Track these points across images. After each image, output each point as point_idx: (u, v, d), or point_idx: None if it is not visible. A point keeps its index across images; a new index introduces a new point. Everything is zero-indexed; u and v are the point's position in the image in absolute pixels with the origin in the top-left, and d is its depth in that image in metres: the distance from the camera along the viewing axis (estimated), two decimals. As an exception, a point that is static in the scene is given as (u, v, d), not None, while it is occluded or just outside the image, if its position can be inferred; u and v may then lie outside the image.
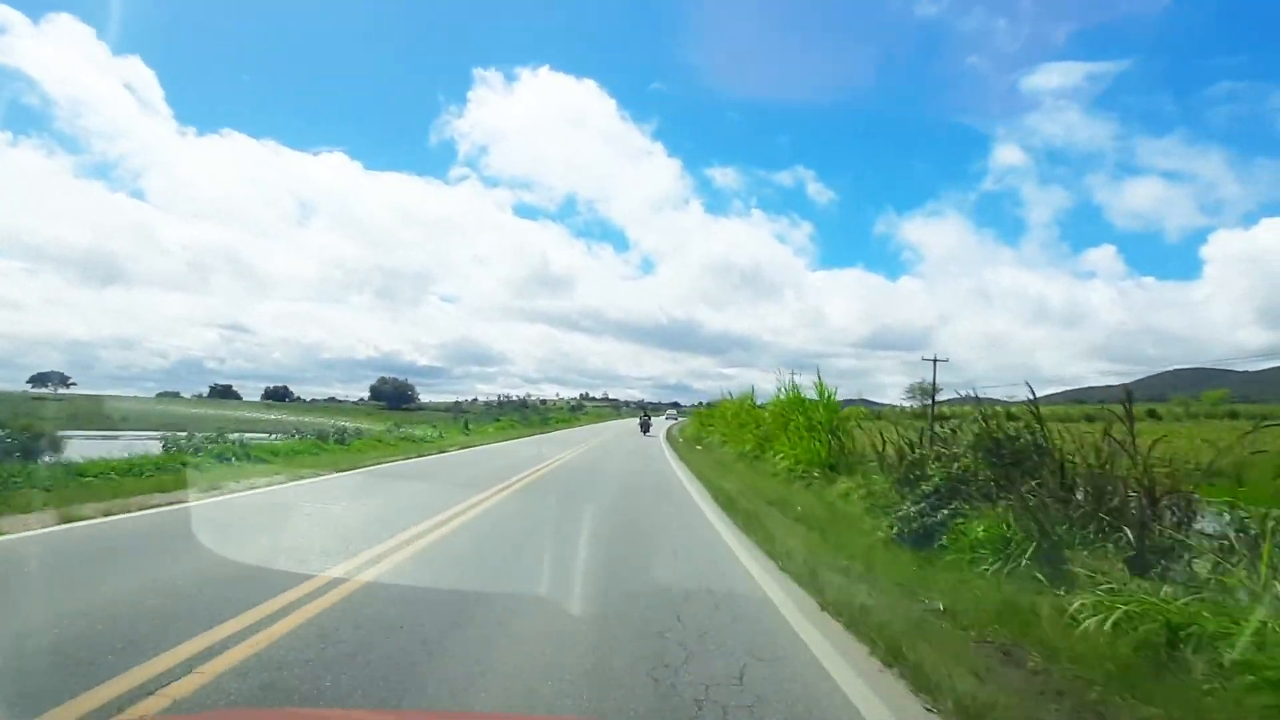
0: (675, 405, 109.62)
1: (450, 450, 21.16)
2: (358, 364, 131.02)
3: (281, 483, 10.74)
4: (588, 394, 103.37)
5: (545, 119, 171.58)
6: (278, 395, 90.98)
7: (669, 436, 34.76)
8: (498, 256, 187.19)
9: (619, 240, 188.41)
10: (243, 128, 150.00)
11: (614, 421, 72.49)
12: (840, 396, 17.13)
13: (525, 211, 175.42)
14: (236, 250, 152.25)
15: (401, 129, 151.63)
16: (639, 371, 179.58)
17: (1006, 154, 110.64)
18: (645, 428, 39.41)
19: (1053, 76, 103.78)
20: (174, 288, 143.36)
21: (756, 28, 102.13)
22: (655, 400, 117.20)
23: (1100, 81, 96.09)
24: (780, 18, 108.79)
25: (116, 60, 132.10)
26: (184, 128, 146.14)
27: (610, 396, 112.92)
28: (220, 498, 9.02)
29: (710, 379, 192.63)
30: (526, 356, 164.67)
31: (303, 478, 11.48)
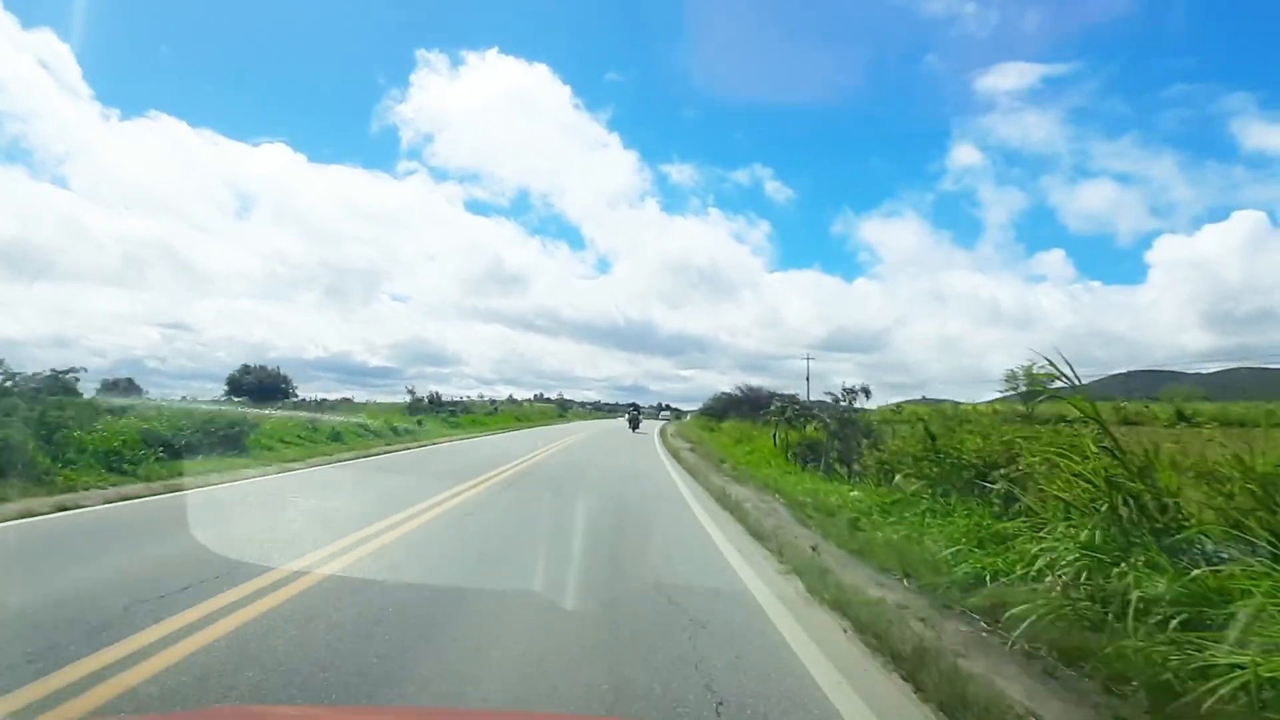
0: (668, 408, 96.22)
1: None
2: (307, 364, 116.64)
3: None
4: (542, 394, 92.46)
5: (494, 106, 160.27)
6: (122, 387, 71.45)
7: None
8: (450, 254, 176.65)
9: (574, 238, 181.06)
10: (173, 111, 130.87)
11: (551, 429, 41.80)
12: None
13: (477, 207, 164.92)
14: (175, 245, 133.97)
15: (345, 119, 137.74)
16: (595, 373, 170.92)
17: (963, 154, 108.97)
18: (635, 423, 37.73)
19: (1008, 77, 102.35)
20: (109, 283, 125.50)
21: (713, 22, 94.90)
22: (611, 402, 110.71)
23: (1055, 83, 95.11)
24: (737, 13, 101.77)
25: (27, 34, 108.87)
26: (107, 110, 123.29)
27: (566, 397, 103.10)
28: None
29: (667, 380, 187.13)
30: (481, 357, 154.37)
31: None
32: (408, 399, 40.47)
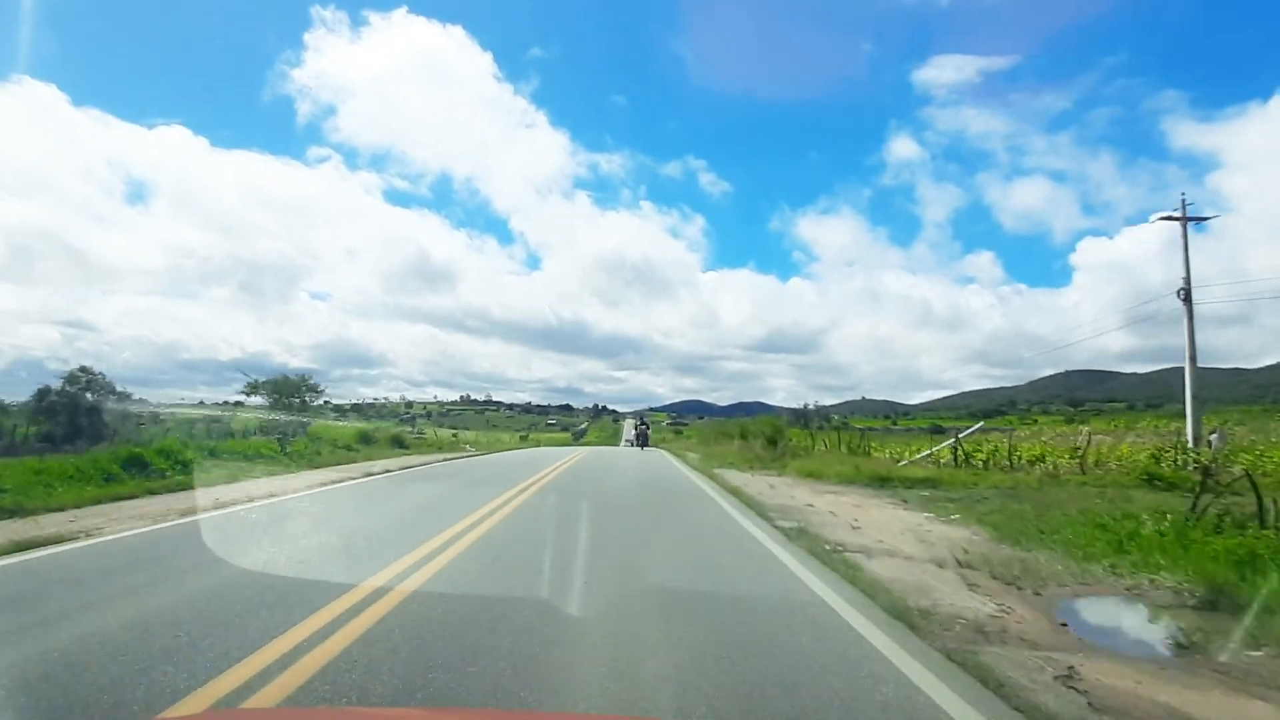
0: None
1: None
2: (223, 366, 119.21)
3: None
4: (468, 396, 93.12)
5: (405, 74, 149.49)
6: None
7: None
8: (371, 249, 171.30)
9: (502, 232, 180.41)
10: (44, 77, 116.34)
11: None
12: (732, 400, 13.69)
13: (397, 198, 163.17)
14: (67, 236, 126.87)
15: (244, 94, 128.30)
16: (528, 375, 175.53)
17: (900, 147, 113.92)
18: (643, 439, 32.85)
19: (946, 70, 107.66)
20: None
21: (640, 7, 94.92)
22: (544, 404, 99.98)
23: (993, 77, 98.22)
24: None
25: None
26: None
27: (494, 399, 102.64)
28: None
29: (601, 382, 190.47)
30: (409, 358, 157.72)
31: None
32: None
